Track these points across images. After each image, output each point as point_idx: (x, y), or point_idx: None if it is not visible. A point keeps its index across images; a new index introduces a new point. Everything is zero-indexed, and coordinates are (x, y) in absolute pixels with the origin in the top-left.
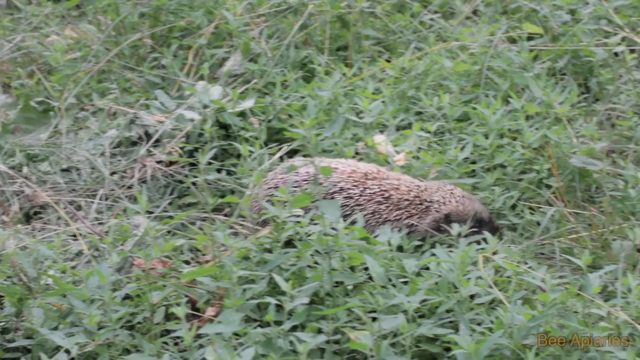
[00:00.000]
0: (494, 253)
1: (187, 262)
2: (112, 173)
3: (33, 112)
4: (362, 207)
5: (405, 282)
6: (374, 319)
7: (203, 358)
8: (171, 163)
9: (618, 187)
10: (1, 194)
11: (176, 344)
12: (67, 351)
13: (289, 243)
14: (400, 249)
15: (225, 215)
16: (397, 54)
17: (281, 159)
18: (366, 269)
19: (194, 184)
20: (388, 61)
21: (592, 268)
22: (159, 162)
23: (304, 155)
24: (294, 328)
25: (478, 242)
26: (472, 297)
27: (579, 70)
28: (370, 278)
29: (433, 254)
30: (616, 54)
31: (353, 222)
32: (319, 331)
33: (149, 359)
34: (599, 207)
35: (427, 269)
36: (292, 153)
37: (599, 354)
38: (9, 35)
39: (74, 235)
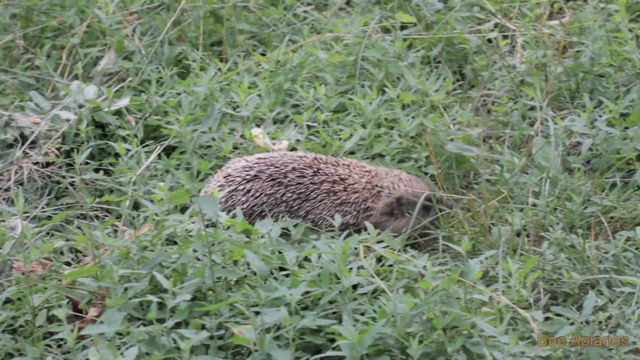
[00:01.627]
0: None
1: (68, 264)
2: None
3: None
4: (316, 185)
5: (288, 275)
6: (257, 313)
7: (87, 359)
8: (48, 164)
9: (495, 172)
10: None
11: (59, 346)
12: None
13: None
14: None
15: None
16: (271, 47)
17: (159, 156)
18: (248, 262)
19: (71, 184)
20: (263, 55)
21: (473, 254)
22: (35, 163)
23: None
24: (177, 325)
25: (433, 223)
26: (354, 287)
27: (453, 58)
28: (253, 272)
29: (314, 246)
30: (489, 41)
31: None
32: (203, 327)
33: None
34: (478, 192)
35: (309, 260)
36: (170, 150)
37: (482, 338)
38: None
39: None
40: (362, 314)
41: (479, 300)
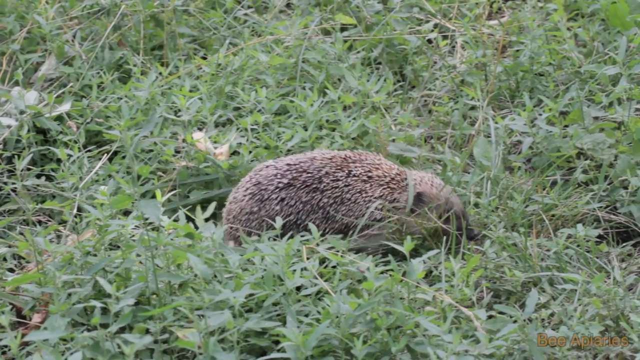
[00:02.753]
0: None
1: (11, 270)
2: None
3: None
4: (350, 186)
5: (232, 278)
6: (201, 317)
7: None
8: None
9: (437, 172)
10: None
11: (3, 352)
12: None
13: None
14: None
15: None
16: (212, 50)
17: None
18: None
19: (13, 190)
20: (204, 58)
21: (416, 254)
22: None
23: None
24: (121, 330)
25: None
26: (298, 289)
27: (394, 59)
28: (196, 275)
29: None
30: (429, 41)
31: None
32: (147, 331)
33: None
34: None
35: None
36: (113, 155)
37: (426, 338)
38: None
39: None
40: (306, 316)
41: (423, 299)
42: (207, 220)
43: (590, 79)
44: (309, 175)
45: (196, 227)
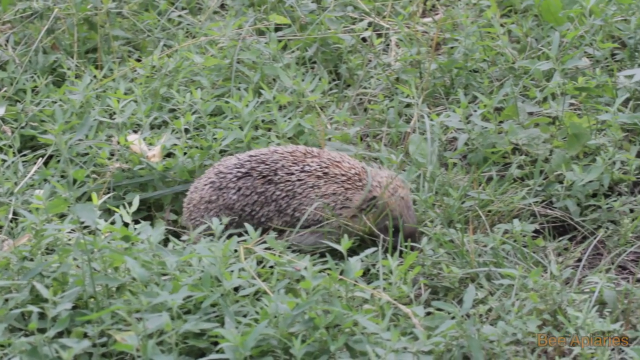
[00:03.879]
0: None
1: None
2: None
3: None
4: (302, 181)
5: (170, 280)
6: (139, 319)
7: None
8: None
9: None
10: None
11: None
12: None
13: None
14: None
15: None
16: (147, 52)
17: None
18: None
19: None
20: (138, 60)
21: (353, 252)
22: None
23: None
24: (59, 334)
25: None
26: (236, 289)
27: (329, 58)
28: (134, 278)
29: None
30: (364, 40)
31: None
32: (85, 335)
33: None
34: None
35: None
36: (48, 159)
37: (365, 336)
38: None
39: None
40: (245, 316)
41: (361, 298)
42: (136, 219)
43: (524, 74)
44: (266, 167)
45: (126, 225)
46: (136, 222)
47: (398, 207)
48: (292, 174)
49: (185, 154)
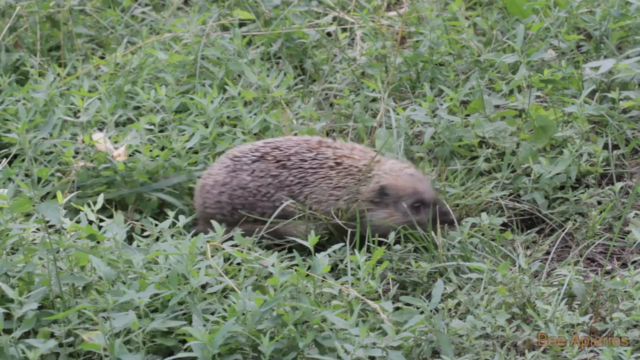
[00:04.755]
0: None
1: None
2: None
3: None
4: (314, 169)
5: (136, 278)
6: (106, 318)
7: None
8: None
9: None
10: None
11: None
12: None
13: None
14: None
15: None
16: (110, 50)
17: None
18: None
19: None
20: (102, 58)
21: (321, 248)
22: None
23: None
24: (25, 335)
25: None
26: (203, 287)
27: (294, 53)
28: (100, 277)
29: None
30: (329, 34)
31: None
32: (52, 335)
33: None
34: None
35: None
36: (12, 158)
37: (333, 332)
38: None
39: None
40: (212, 314)
41: (329, 293)
42: (101, 217)
43: (490, 67)
44: (280, 152)
45: (91, 223)
46: (101, 220)
47: (409, 183)
48: (305, 160)
49: (151, 150)
